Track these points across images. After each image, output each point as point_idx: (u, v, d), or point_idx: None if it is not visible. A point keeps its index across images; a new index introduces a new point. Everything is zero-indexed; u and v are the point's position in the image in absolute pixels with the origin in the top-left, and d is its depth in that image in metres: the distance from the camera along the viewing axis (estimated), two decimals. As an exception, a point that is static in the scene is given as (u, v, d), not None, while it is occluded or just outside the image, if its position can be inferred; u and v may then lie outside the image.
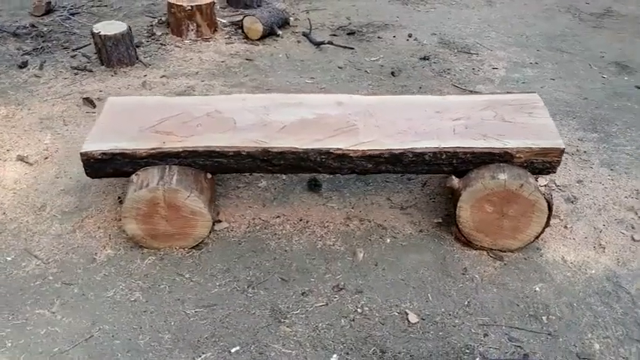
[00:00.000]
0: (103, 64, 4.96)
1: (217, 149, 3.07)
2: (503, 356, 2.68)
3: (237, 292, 2.96)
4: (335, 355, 2.67)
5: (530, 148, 3.10)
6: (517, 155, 3.09)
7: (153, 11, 6.15)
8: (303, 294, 2.96)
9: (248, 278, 3.04)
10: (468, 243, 3.23)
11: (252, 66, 5.13)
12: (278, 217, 3.44)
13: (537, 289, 3.03)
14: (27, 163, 3.77)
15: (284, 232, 3.33)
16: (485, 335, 2.78)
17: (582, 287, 3.04)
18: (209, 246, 3.21)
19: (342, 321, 2.83)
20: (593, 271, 3.13)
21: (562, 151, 3.12)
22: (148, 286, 2.97)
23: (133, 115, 3.32)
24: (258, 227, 3.36)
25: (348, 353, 2.68)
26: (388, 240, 3.29)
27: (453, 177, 3.12)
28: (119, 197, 3.50)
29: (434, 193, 3.66)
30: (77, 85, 4.69)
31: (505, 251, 3.23)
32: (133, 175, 3.06)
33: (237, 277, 3.03)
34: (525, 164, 3.13)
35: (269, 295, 2.94)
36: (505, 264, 3.17)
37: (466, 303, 2.95)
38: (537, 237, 3.18)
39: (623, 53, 5.52)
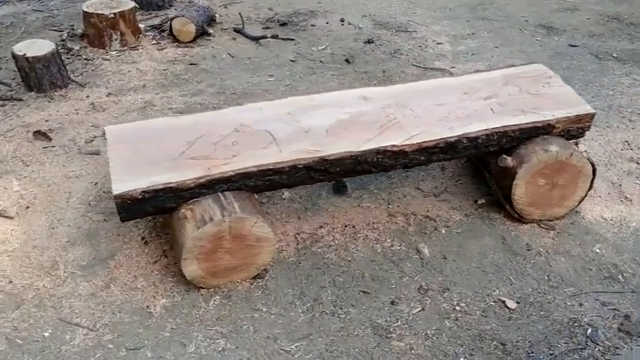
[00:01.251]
0: (32, 90, 4.32)
1: (272, 167, 2.79)
2: (608, 323, 2.72)
3: (327, 315, 2.73)
4: (462, 359, 2.55)
5: (567, 116, 3.16)
6: (557, 125, 3.14)
7: (55, 24, 5.45)
8: (392, 303, 2.80)
9: (329, 298, 2.81)
10: (519, 218, 3.24)
11: (200, 70, 4.74)
12: (321, 227, 3.22)
13: (597, 250, 3.13)
14: (7, 217, 3.17)
15: (336, 242, 3.13)
16: (581, 305, 2.82)
17: (634, 241, 3.19)
18: (270, 272, 2.92)
19: (447, 322, 2.72)
20: (634, 224, 3.30)
21: (593, 116, 3.22)
22: (228, 331, 2.64)
23: (149, 143, 2.91)
24: (307, 242, 3.12)
25: (472, 355, 2.59)
26: (443, 230, 3.21)
27: (505, 156, 3.09)
28: (142, 238, 3.07)
29: (455, 174, 3.64)
30: (14, 118, 4.03)
31: (552, 220, 3.29)
32: (183, 211, 2.69)
33: (318, 300, 2.80)
34: (562, 133, 3.19)
35: (360, 312, 2.75)
36: (558, 232, 3.24)
37: (546, 278, 2.96)
38: (581, 201, 3.27)
39: (541, 16, 5.85)
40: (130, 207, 2.67)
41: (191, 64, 4.82)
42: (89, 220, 3.18)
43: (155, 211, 2.77)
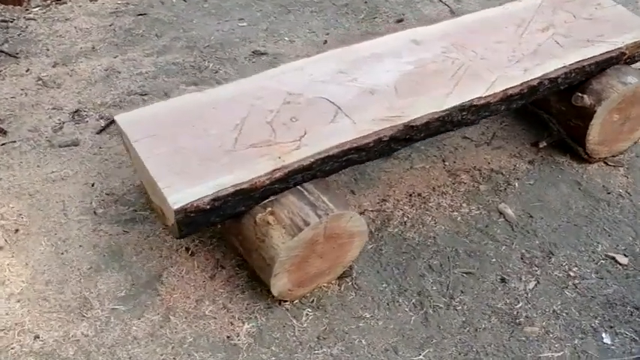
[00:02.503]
0: (-48, 69, 3.37)
1: (355, 144, 2.27)
2: None
3: (441, 309, 2.34)
4: (604, 334, 2.28)
5: (635, 42, 2.88)
6: (626, 52, 2.85)
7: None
8: (503, 281, 2.46)
9: (434, 288, 2.41)
10: (588, 159, 2.97)
11: (153, 21, 3.95)
12: (384, 200, 2.77)
13: (673, 183, 2.93)
14: (-5, 249, 2.43)
15: (409, 216, 2.70)
16: (689, 249, 2.62)
17: None
18: (352, 268, 2.46)
19: (568, 293, 2.43)
20: (692, 147, 3.13)
21: (655, 37, 2.94)
22: (339, 351, 2.19)
23: (184, 132, 2.28)
24: (378, 222, 2.67)
25: (612, 327, 2.32)
26: (516, 184, 2.88)
27: (581, 94, 2.76)
28: (187, 248, 2.47)
29: (497, 116, 3.27)
30: (-57, 110, 3.12)
31: (616, 155, 3.05)
32: (261, 215, 2.12)
33: (423, 292, 2.39)
34: (628, 60, 2.90)
35: (475, 299, 2.39)
36: (627, 168, 3.03)
37: (640, 222, 2.73)
38: (645, 131, 3.05)
39: None
40: (194, 221, 2.06)
41: (139, 15, 4.01)
42: (105, 235, 2.51)
43: (220, 221, 2.18)
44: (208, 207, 2.04)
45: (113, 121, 3.00)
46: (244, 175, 2.10)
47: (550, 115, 3.00)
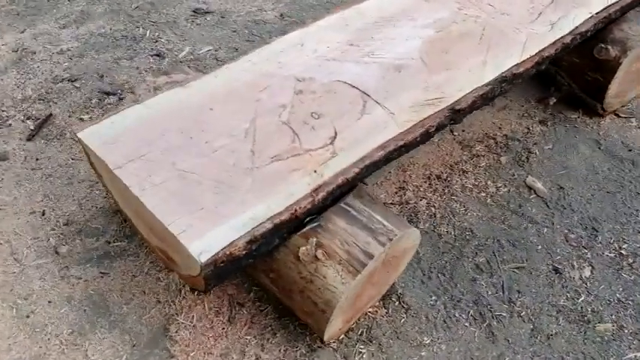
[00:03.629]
0: None
1: (401, 141, 1.84)
2: None
3: (504, 319, 2.05)
4: (679, 322, 2.08)
5: (649, -21, 2.59)
6: (643, -7, 2.57)
7: None
8: (556, 272, 2.19)
9: (490, 293, 2.10)
10: (601, 113, 2.73)
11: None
12: (402, 188, 2.40)
13: (687, 131, 2.77)
14: None
15: (435, 205, 2.35)
16: None
17: None
18: (395, 283, 2.08)
19: (625, 275, 2.23)
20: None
21: (665, -27, 2.68)
22: (410, 394, 1.82)
23: (182, 150, 1.75)
24: (404, 217, 2.29)
25: (682, 310, 2.11)
26: (537, 151, 2.60)
27: (605, 45, 2.47)
28: (192, 288, 1.97)
29: (489, 70, 2.93)
30: None
31: (624, 105, 2.83)
32: (305, 249, 1.68)
33: (479, 300, 2.08)
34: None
35: (535, 299, 2.11)
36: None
37: (670, 181, 2.55)
38: (650, 76, 2.84)
39: None
40: (224, 270, 1.57)
41: (38, -29, 3.20)
42: (78, 282, 1.96)
43: (251, 263, 1.69)
44: (244, 252, 1.54)
45: (46, 120, 2.36)
46: (279, 201, 1.62)
47: (559, 68, 2.69)
